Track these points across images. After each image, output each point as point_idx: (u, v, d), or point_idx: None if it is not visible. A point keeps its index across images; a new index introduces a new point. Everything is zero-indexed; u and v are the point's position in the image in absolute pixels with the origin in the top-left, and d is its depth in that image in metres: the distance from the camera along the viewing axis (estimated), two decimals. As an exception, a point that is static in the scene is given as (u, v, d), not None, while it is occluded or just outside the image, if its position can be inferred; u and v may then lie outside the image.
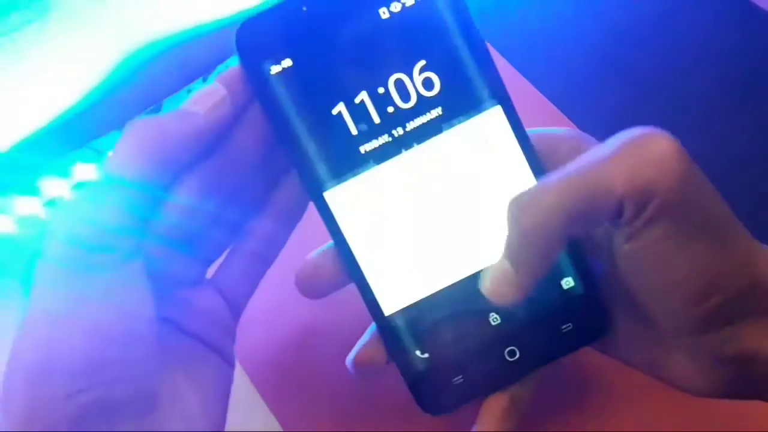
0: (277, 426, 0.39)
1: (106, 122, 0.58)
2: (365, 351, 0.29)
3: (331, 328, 0.46)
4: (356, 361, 0.29)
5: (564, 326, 0.28)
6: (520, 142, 0.27)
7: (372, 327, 0.29)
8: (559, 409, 0.37)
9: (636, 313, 0.27)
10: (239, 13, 0.59)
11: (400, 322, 0.28)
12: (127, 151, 0.26)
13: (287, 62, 0.28)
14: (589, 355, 0.29)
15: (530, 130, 0.28)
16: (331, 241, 0.29)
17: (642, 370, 0.28)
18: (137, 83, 0.58)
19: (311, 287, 0.29)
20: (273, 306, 0.49)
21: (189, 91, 0.59)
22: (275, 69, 0.28)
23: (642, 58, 0.52)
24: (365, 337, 0.30)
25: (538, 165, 0.28)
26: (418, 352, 0.28)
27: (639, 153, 0.22)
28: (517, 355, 0.28)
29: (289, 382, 0.41)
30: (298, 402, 0.40)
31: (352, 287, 0.30)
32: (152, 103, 0.59)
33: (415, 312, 0.29)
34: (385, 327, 0.29)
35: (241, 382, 0.41)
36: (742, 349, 0.24)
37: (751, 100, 0.50)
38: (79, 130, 0.57)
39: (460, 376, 0.28)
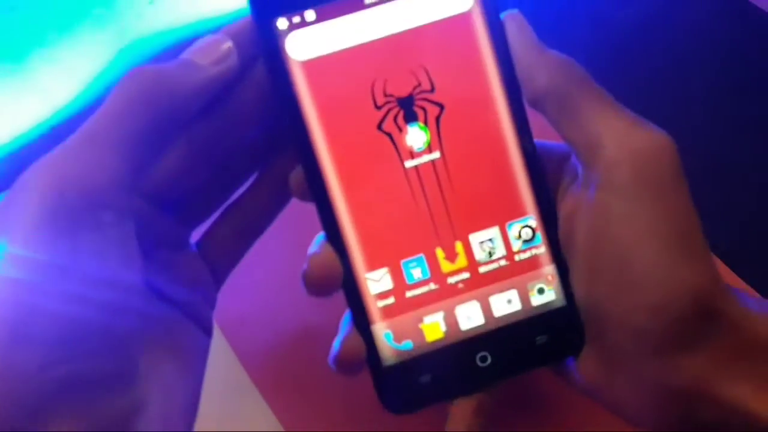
0: (278, 425, 0.39)
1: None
2: (345, 347, 0.28)
3: (331, 328, 0.46)
4: (339, 359, 0.28)
5: (539, 338, 0.28)
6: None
7: (346, 320, 0.29)
8: (548, 410, 0.38)
9: (595, 329, 0.27)
10: (239, 11, 0.59)
11: (375, 313, 0.28)
12: (123, 99, 0.23)
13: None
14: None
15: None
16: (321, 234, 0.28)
17: (588, 394, 0.27)
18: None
19: (320, 286, 0.28)
20: (273, 306, 0.49)
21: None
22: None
23: (640, 58, 0.52)
24: (342, 331, 0.28)
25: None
26: (389, 345, 0.28)
27: (639, 132, 0.24)
28: (489, 361, 0.28)
29: (289, 382, 0.41)
30: (298, 401, 0.40)
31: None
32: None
33: (390, 306, 0.28)
34: (361, 318, 0.28)
35: (242, 382, 0.41)
36: (690, 382, 0.23)
37: (751, 101, 0.50)
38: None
39: (428, 376, 0.28)
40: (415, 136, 0.27)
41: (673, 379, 0.23)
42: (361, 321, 0.28)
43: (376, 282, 0.28)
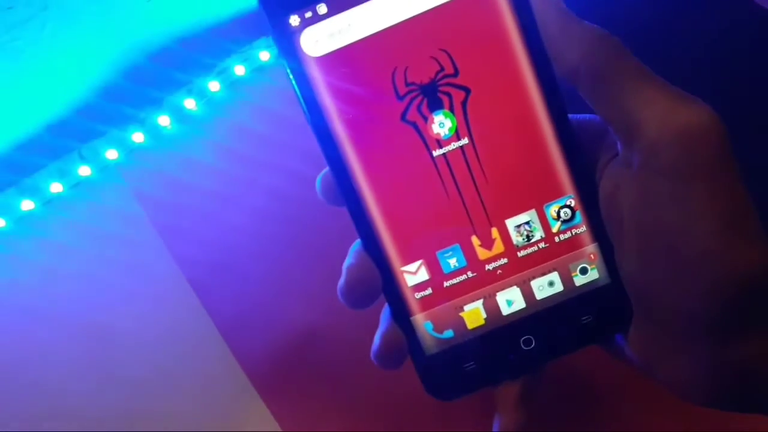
0: (275, 426, 0.39)
1: (104, 121, 0.57)
2: (386, 340, 0.27)
3: (330, 329, 0.46)
4: (380, 353, 0.27)
5: (583, 317, 0.27)
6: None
7: (385, 313, 0.28)
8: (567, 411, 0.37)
9: (644, 308, 0.26)
10: (237, 9, 0.59)
11: (414, 305, 0.28)
12: None
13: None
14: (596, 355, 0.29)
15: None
16: (358, 245, 0.28)
17: (642, 370, 0.27)
18: (137, 80, 0.58)
19: (360, 296, 0.27)
20: (272, 307, 0.49)
21: (189, 90, 0.59)
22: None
23: (643, 58, 0.52)
24: (382, 325, 0.28)
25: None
26: (430, 335, 0.28)
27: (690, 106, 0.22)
28: (533, 345, 0.27)
29: (287, 383, 0.40)
30: (296, 402, 0.39)
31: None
32: (152, 102, 0.59)
33: (428, 297, 0.28)
34: (400, 310, 0.28)
35: (240, 382, 0.40)
36: (747, 360, 0.23)
37: (754, 99, 0.50)
38: (78, 129, 0.57)
39: (472, 363, 0.27)
40: (441, 124, 0.26)
41: (728, 357, 0.23)
42: (401, 314, 0.27)
43: (412, 275, 0.27)
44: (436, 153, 0.27)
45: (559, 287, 0.27)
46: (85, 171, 0.57)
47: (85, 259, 0.56)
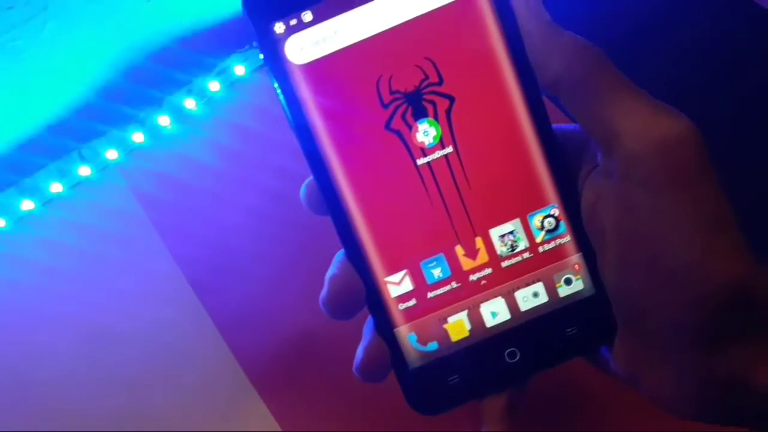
0: (275, 426, 0.39)
1: (104, 121, 0.57)
2: (369, 353, 0.27)
3: (329, 330, 0.46)
4: (363, 366, 0.27)
5: (568, 329, 0.28)
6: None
7: (368, 326, 0.28)
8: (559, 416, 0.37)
9: (629, 320, 0.26)
10: (236, 8, 0.59)
11: (397, 317, 0.28)
12: None
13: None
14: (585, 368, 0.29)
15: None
16: (341, 255, 0.28)
17: (627, 383, 0.27)
18: (137, 80, 0.58)
19: (343, 307, 0.27)
20: (272, 308, 0.49)
21: (189, 90, 0.59)
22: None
23: (642, 57, 0.52)
24: (365, 338, 0.28)
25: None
26: (414, 347, 0.28)
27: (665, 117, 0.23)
28: (518, 357, 0.27)
29: (287, 383, 0.40)
30: (296, 402, 0.39)
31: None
32: (152, 102, 0.59)
33: (412, 308, 0.28)
34: (383, 322, 0.28)
35: (240, 383, 0.40)
36: (733, 372, 0.23)
37: (754, 99, 0.50)
38: (78, 129, 0.57)
39: (456, 376, 0.28)
40: (426, 133, 0.26)
41: (713, 370, 0.23)
42: (384, 325, 0.27)
43: (396, 285, 0.27)
44: (421, 162, 0.26)
45: (543, 298, 0.27)
46: (85, 171, 0.57)
47: (85, 259, 0.56)
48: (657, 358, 0.24)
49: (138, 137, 0.58)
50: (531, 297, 0.27)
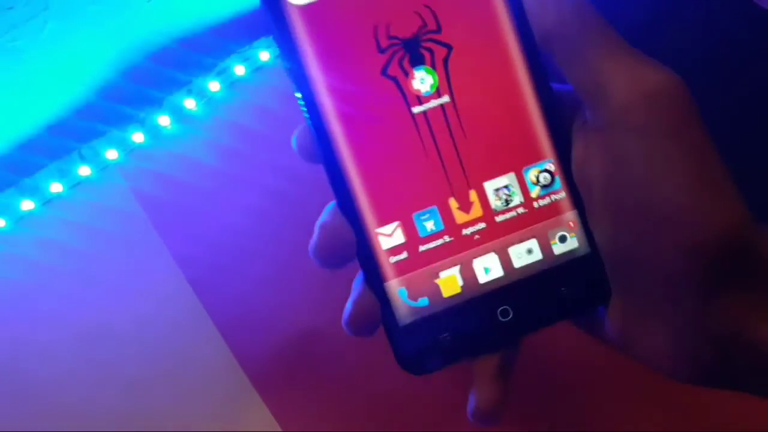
0: (275, 425, 0.39)
1: (104, 121, 0.57)
2: (358, 307, 0.27)
3: (330, 329, 0.46)
4: (351, 320, 0.27)
5: (563, 289, 0.27)
6: None
7: (357, 280, 0.28)
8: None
9: (622, 278, 0.26)
10: (236, 8, 0.59)
11: (388, 270, 0.27)
12: None
13: None
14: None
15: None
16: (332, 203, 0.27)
17: (621, 348, 0.26)
18: (137, 80, 0.58)
19: (332, 255, 0.27)
20: (271, 307, 0.49)
21: (189, 90, 0.59)
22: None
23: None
24: (354, 292, 0.28)
25: None
26: (404, 302, 0.27)
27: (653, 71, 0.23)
28: (510, 316, 0.26)
29: (286, 382, 0.40)
30: (296, 402, 0.39)
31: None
32: (152, 102, 0.59)
33: (403, 261, 0.27)
34: (373, 275, 0.27)
35: (240, 382, 0.40)
36: (725, 325, 0.23)
37: (754, 99, 0.50)
38: (78, 129, 0.57)
39: (447, 334, 0.26)
40: (422, 80, 0.26)
41: (708, 323, 0.23)
42: (374, 279, 0.26)
43: (387, 237, 0.26)
44: (416, 110, 0.26)
45: (537, 255, 0.27)
46: (85, 171, 0.57)
47: (85, 259, 0.56)
48: (651, 316, 0.24)
49: (138, 137, 0.58)
50: (525, 254, 0.27)
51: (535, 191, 0.27)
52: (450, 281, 0.27)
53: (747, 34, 0.52)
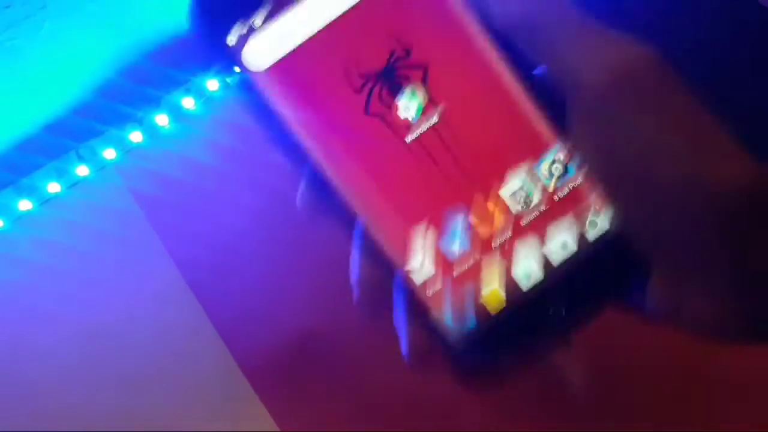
0: (273, 426, 0.39)
1: (102, 120, 0.57)
2: (413, 347, 0.27)
3: (328, 329, 0.45)
4: (412, 360, 0.26)
5: (605, 272, 0.26)
6: None
7: (401, 318, 0.27)
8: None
9: (656, 250, 0.26)
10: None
11: (428, 302, 0.27)
12: None
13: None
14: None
15: None
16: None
17: (665, 319, 0.26)
18: (134, 79, 0.58)
19: (375, 307, 0.27)
20: (270, 307, 0.49)
21: (187, 89, 0.59)
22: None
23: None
24: (402, 331, 0.27)
25: None
26: (454, 329, 0.27)
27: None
28: (561, 314, 0.26)
29: (284, 383, 0.40)
30: (294, 402, 0.39)
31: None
32: (150, 101, 0.59)
33: (439, 291, 0.27)
34: (416, 312, 0.27)
35: (239, 383, 0.40)
36: (763, 270, 0.22)
37: (754, 99, 0.50)
38: (76, 129, 0.57)
39: (501, 348, 0.26)
40: (407, 108, 0.26)
41: (746, 272, 0.23)
42: (418, 315, 0.26)
43: (418, 272, 0.26)
44: (410, 138, 0.26)
45: (573, 247, 0.26)
46: (83, 171, 0.57)
47: (83, 259, 0.55)
48: (691, 278, 0.24)
49: (136, 137, 0.58)
50: (560, 249, 0.26)
51: (551, 185, 0.26)
52: (493, 297, 0.26)
53: (748, 33, 0.51)
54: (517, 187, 0.27)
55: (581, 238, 0.26)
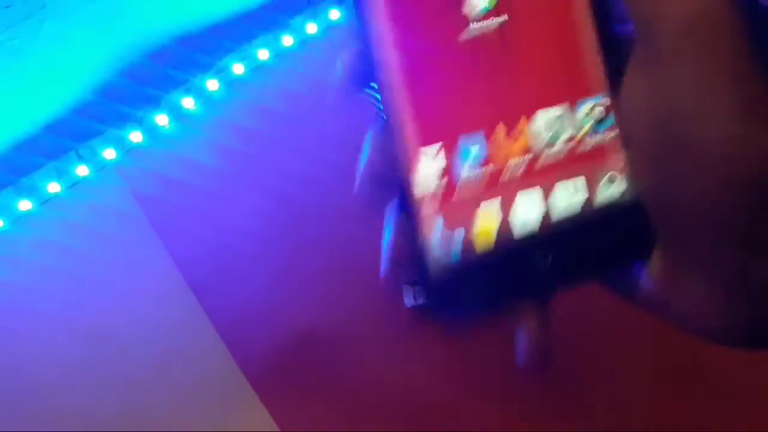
0: (273, 426, 0.39)
1: (102, 120, 0.57)
2: (397, 234, 0.26)
3: (328, 330, 0.46)
4: (391, 250, 0.26)
5: (606, 236, 0.25)
6: None
7: (393, 209, 0.26)
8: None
9: (663, 225, 0.25)
10: (235, 7, 0.58)
11: (427, 195, 0.26)
12: None
13: None
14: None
15: None
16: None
17: (653, 306, 0.26)
18: (134, 79, 0.58)
19: (378, 176, 0.26)
20: (270, 308, 0.49)
21: (187, 89, 0.59)
22: None
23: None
24: (390, 220, 0.27)
25: None
26: (440, 231, 0.26)
27: None
28: (550, 262, 0.25)
29: (285, 384, 0.40)
30: (294, 403, 0.39)
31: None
32: (150, 101, 0.58)
33: (445, 185, 0.26)
34: (410, 200, 0.26)
35: (239, 383, 0.40)
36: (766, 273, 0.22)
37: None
38: (76, 129, 0.57)
39: (482, 272, 0.25)
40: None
41: (755, 270, 0.22)
42: (412, 205, 0.25)
43: (431, 158, 0.25)
44: (474, 26, 0.25)
45: (583, 195, 0.26)
46: (82, 171, 0.57)
47: (84, 260, 0.55)
48: (693, 267, 0.24)
49: (136, 137, 0.58)
50: (563, 207, 0.26)
51: (587, 126, 0.26)
52: (483, 234, 0.26)
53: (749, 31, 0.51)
54: (555, 115, 0.26)
55: (594, 190, 0.26)
